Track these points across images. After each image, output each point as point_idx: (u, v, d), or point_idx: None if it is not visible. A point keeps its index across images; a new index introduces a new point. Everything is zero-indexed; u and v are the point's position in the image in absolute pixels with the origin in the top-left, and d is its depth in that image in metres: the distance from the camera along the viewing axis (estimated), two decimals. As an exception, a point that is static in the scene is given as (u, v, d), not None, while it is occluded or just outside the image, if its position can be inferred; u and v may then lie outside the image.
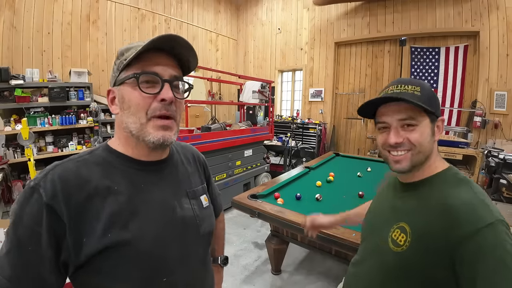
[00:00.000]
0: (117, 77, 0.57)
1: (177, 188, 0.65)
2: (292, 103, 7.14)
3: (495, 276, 0.48)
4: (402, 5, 5.18)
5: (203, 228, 0.66)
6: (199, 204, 0.68)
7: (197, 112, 5.16)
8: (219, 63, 7.19)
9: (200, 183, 0.74)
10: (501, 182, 2.86)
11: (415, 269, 0.60)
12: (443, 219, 0.57)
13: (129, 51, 0.56)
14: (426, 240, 0.59)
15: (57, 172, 0.51)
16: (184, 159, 0.73)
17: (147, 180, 0.59)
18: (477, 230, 0.52)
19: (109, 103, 0.60)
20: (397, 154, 0.66)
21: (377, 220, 0.76)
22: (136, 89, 0.54)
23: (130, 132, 0.56)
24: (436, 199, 0.62)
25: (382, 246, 0.69)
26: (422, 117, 0.64)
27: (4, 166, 3.05)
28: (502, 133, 4.46)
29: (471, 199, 0.58)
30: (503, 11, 4.30)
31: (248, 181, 3.80)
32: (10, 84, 3.28)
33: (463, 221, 0.55)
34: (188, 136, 2.87)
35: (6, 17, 3.55)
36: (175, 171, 0.67)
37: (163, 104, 0.55)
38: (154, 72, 0.55)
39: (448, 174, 0.67)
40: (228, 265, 0.92)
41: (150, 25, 5.40)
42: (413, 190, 0.69)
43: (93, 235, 0.49)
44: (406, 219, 0.65)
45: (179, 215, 0.62)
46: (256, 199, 1.99)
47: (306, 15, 6.41)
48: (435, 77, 5.15)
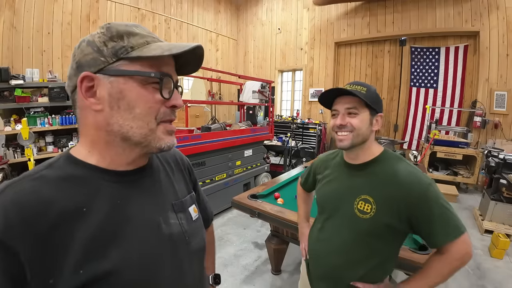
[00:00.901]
0: (109, 63, 0.44)
1: (161, 200, 0.55)
2: (292, 103, 7.14)
3: (442, 211, 0.77)
4: (402, 5, 5.18)
5: (193, 244, 0.58)
6: (188, 218, 0.59)
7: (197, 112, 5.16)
8: (219, 63, 7.20)
9: (187, 192, 0.64)
10: (501, 182, 2.86)
11: (382, 227, 0.81)
12: (397, 186, 0.80)
13: (135, 39, 0.46)
14: (388, 204, 0.80)
15: (9, 196, 0.39)
16: (166, 164, 0.62)
17: (124, 195, 0.48)
18: (424, 189, 0.78)
19: (83, 93, 0.45)
20: (341, 134, 0.86)
21: (339, 199, 0.92)
22: (150, 90, 0.46)
23: (122, 137, 0.46)
24: (387, 173, 0.84)
25: (350, 217, 0.86)
26: (363, 109, 0.85)
27: (4, 166, 3.05)
28: (502, 133, 4.46)
29: (412, 169, 0.83)
30: (503, 11, 4.30)
31: (248, 181, 3.80)
32: (10, 84, 3.28)
33: (413, 184, 0.79)
34: (188, 136, 2.87)
35: (6, 17, 3.56)
36: (157, 180, 0.56)
37: (173, 110, 0.50)
38: (170, 75, 0.48)
39: (387, 154, 0.90)
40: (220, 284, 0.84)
41: (150, 25, 5.40)
42: (364, 170, 0.89)
43: (63, 274, 0.39)
44: (367, 192, 0.85)
45: (165, 232, 0.52)
46: (256, 199, 1.99)
47: (306, 15, 6.41)
48: (435, 77, 5.15)
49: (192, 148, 2.84)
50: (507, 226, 2.84)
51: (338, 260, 0.90)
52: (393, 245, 0.87)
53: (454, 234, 0.75)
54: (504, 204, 2.87)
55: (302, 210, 1.26)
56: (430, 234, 0.78)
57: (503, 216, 2.88)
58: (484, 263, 2.37)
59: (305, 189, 1.23)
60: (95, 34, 0.46)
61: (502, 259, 2.43)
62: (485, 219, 3.00)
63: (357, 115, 0.84)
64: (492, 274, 2.23)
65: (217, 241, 2.73)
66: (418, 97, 5.36)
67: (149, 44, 0.47)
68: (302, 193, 1.26)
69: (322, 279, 0.97)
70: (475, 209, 3.36)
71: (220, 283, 0.83)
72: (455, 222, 0.77)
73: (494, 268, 2.31)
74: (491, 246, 2.55)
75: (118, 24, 0.46)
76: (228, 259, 2.42)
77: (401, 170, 0.83)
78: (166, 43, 0.48)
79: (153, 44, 0.47)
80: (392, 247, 0.87)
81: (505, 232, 2.65)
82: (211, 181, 3.15)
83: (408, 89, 5.43)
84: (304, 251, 1.13)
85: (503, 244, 2.40)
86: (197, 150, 2.89)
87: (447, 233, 0.75)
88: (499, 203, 2.90)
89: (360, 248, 0.86)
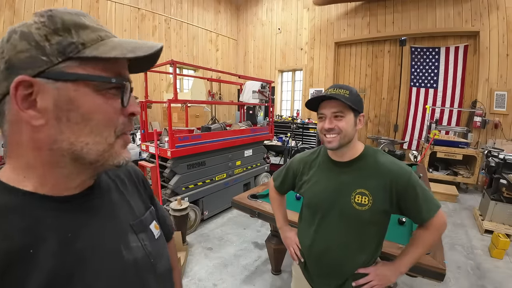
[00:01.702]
0: (54, 64, 0.35)
1: (117, 223, 0.47)
2: (292, 103, 7.14)
3: (423, 191, 0.89)
4: (402, 5, 5.18)
5: (160, 266, 0.52)
6: (150, 237, 0.52)
7: (197, 112, 5.16)
8: (219, 63, 7.20)
9: (145, 208, 0.56)
10: (501, 182, 2.86)
11: (380, 214, 0.91)
12: (386, 175, 0.90)
13: (86, 33, 0.37)
14: (381, 193, 0.90)
15: None
16: (117, 179, 0.53)
17: (74, 225, 0.40)
18: (408, 176, 0.89)
19: (18, 103, 0.34)
20: (330, 137, 0.92)
21: (333, 196, 0.96)
22: (107, 97, 0.39)
23: (75, 156, 0.38)
24: (374, 166, 0.93)
25: (349, 211, 0.92)
26: (348, 111, 0.90)
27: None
28: (502, 133, 4.46)
29: (393, 160, 0.94)
30: (503, 11, 4.30)
31: (248, 181, 3.80)
32: (10, 84, 3.28)
33: (398, 172, 0.90)
34: (188, 136, 2.87)
35: (6, 17, 3.56)
36: (109, 200, 0.48)
37: (130, 119, 0.42)
38: (129, 79, 0.41)
39: (369, 150, 0.98)
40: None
41: (150, 25, 5.41)
42: (352, 166, 0.96)
43: None
44: (361, 185, 0.92)
45: (129, 259, 0.45)
46: (256, 199, 1.99)
47: (306, 15, 6.41)
48: (435, 77, 5.15)
49: (192, 148, 2.84)
50: (507, 226, 2.84)
51: (341, 254, 0.95)
52: (385, 227, 0.98)
53: (435, 209, 0.88)
54: (504, 204, 2.87)
55: (280, 214, 1.26)
56: (417, 212, 0.89)
57: (503, 216, 2.88)
58: (484, 263, 2.37)
59: (281, 192, 1.23)
60: (31, 23, 0.35)
61: (502, 259, 2.43)
62: (485, 219, 3.00)
63: (343, 118, 0.90)
64: (492, 274, 2.23)
65: (217, 241, 2.73)
66: (418, 97, 5.36)
67: (103, 41, 0.38)
68: (277, 197, 1.25)
69: (325, 276, 1.00)
70: (475, 209, 3.36)
71: None
72: (433, 199, 0.90)
73: (494, 268, 2.31)
74: (491, 246, 2.55)
75: (62, 12, 0.36)
76: (228, 259, 2.42)
77: (385, 162, 0.93)
78: (125, 41, 0.39)
79: (108, 41, 0.38)
80: (385, 228, 0.98)
81: (505, 232, 2.65)
82: (211, 181, 3.15)
83: (408, 89, 5.43)
84: (295, 255, 1.11)
85: (503, 244, 2.40)
86: (197, 150, 2.89)
87: (430, 209, 0.88)
88: (499, 203, 2.90)
89: (361, 238, 0.94)
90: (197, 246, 2.62)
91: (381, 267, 0.96)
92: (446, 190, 3.89)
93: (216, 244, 2.68)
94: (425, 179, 2.50)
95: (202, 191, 3.01)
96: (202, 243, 2.68)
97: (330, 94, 0.89)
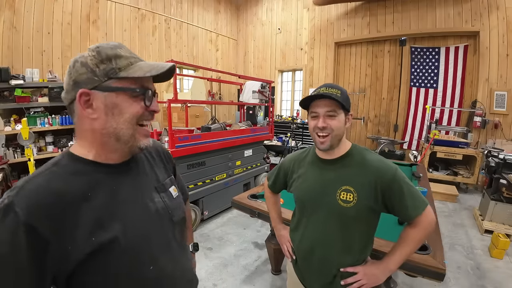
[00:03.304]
0: (102, 82, 0.56)
1: (146, 184, 0.69)
2: (292, 103, 7.14)
3: (409, 189, 0.89)
4: (402, 5, 5.18)
5: (176, 216, 0.72)
6: (169, 196, 0.74)
7: (197, 112, 5.15)
8: (219, 63, 7.20)
9: (167, 176, 0.78)
10: (501, 182, 2.86)
11: (365, 211, 0.91)
12: (371, 173, 0.91)
13: (121, 61, 0.57)
14: (366, 190, 0.90)
15: (29, 188, 0.51)
16: (148, 155, 0.76)
17: (117, 182, 0.62)
18: (393, 173, 0.90)
19: (81, 106, 0.57)
20: (321, 135, 0.92)
21: (319, 194, 0.97)
22: (137, 101, 0.59)
23: (116, 136, 0.59)
24: (360, 163, 0.94)
25: (334, 208, 0.93)
26: (340, 110, 0.92)
27: (4, 166, 3.05)
28: (502, 133, 4.46)
29: (379, 158, 0.95)
30: (503, 11, 4.30)
31: (248, 181, 3.80)
32: (10, 84, 3.28)
33: (384, 169, 0.90)
34: (188, 136, 2.87)
35: (6, 17, 3.56)
36: (142, 168, 0.70)
37: (151, 113, 0.63)
38: (150, 88, 0.62)
39: (356, 148, 0.99)
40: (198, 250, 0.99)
41: (150, 25, 5.40)
42: (339, 163, 0.97)
43: (77, 242, 0.52)
44: (346, 182, 0.93)
45: (152, 208, 0.66)
46: (256, 199, 1.99)
47: (306, 15, 6.41)
48: (435, 77, 5.15)
49: (192, 148, 2.84)
50: (507, 226, 2.84)
51: (327, 252, 0.96)
52: (373, 225, 0.98)
53: (422, 207, 0.88)
54: (504, 204, 2.87)
55: (274, 212, 1.28)
56: (404, 209, 0.89)
57: (503, 216, 2.88)
58: (484, 263, 2.37)
59: (274, 191, 1.26)
60: (87, 56, 0.57)
61: (502, 259, 2.43)
62: (485, 219, 3.00)
63: (336, 117, 0.91)
64: (492, 274, 2.23)
65: (217, 241, 2.73)
66: (418, 97, 5.36)
67: (132, 65, 0.58)
68: (271, 196, 1.28)
69: (314, 274, 1.01)
70: (475, 209, 3.36)
71: (198, 250, 0.99)
72: (420, 197, 0.90)
73: (494, 268, 2.31)
74: (491, 246, 2.55)
75: (105, 47, 0.57)
76: (228, 259, 2.42)
77: (372, 159, 0.94)
78: (146, 64, 0.59)
79: (136, 65, 0.59)
80: (373, 228, 0.98)
81: (505, 232, 2.65)
82: (211, 181, 3.15)
83: (408, 89, 5.43)
84: (288, 253, 1.13)
85: (503, 244, 2.40)
86: (197, 150, 2.89)
87: (417, 206, 0.88)
88: (499, 203, 2.90)
89: (348, 235, 0.94)
90: (197, 246, 2.61)
91: (370, 266, 0.96)
92: (446, 190, 3.89)
93: (216, 244, 2.68)
94: (425, 179, 2.50)
95: (202, 191, 3.01)
96: (202, 243, 2.68)
97: (324, 93, 0.91)
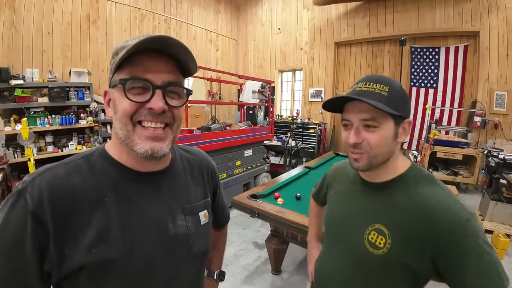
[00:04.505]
0: (111, 78, 0.52)
1: (173, 202, 0.59)
2: (292, 103, 7.14)
3: (480, 256, 0.55)
4: (402, 5, 5.18)
5: (196, 247, 0.60)
6: (196, 221, 0.62)
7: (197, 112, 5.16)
8: (219, 63, 7.19)
9: (203, 197, 0.67)
10: (501, 182, 2.86)
11: (397, 267, 0.63)
12: (423, 220, 0.59)
13: (123, 51, 0.47)
14: (407, 240, 0.61)
15: (46, 178, 0.48)
16: (188, 167, 0.66)
17: (139, 193, 0.54)
18: (460, 226, 0.56)
19: (106, 105, 0.55)
20: (355, 152, 0.65)
21: (347, 224, 0.73)
22: (133, 96, 0.49)
23: (120, 138, 0.52)
24: (412, 199, 0.63)
25: (358, 249, 0.68)
26: (385, 119, 0.61)
27: (4, 166, 3.05)
28: (502, 133, 4.46)
29: (445, 198, 0.61)
30: (503, 11, 4.30)
31: (248, 181, 3.80)
32: (10, 84, 3.28)
33: (443, 220, 0.57)
34: (188, 136, 2.87)
35: (6, 17, 3.56)
36: (174, 182, 0.61)
37: (153, 112, 0.50)
38: (144, 78, 0.49)
39: (415, 173, 0.67)
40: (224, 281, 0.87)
41: (150, 25, 5.40)
42: (384, 191, 0.68)
43: (77, 249, 0.47)
44: (382, 220, 0.65)
45: (171, 232, 0.56)
46: (256, 199, 1.99)
47: (306, 15, 6.41)
48: (435, 77, 5.15)
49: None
50: (507, 226, 2.84)
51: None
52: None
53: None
54: (504, 204, 2.87)
55: (313, 226, 1.10)
56: (461, 286, 0.57)
57: (503, 216, 2.88)
58: (484, 263, 2.37)
59: (317, 202, 1.06)
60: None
61: (502, 259, 2.43)
62: (485, 219, 3.00)
63: (377, 129, 0.62)
64: (492, 274, 2.23)
65: (217, 241, 2.73)
66: (418, 97, 5.36)
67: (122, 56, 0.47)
68: (314, 207, 1.09)
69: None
70: (475, 209, 3.36)
71: (224, 279, 0.86)
72: (497, 273, 0.54)
73: (494, 268, 2.31)
74: (491, 246, 2.55)
75: (121, 43, 0.51)
76: (228, 259, 2.42)
77: (431, 197, 0.61)
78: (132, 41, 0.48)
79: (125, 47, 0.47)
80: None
81: (505, 232, 2.66)
82: (211, 181, 3.15)
83: (408, 89, 5.43)
84: (310, 276, 0.99)
85: (503, 244, 2.40)
86: (197, 150, 2.89)
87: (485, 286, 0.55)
88: (499, 203, 2.90)
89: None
90: (197, 246, 2.61)
91: None
92: (446, 190, 3.89)
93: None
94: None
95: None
96: (202, 243, 2.68)
97: (360, 91, 0.63)
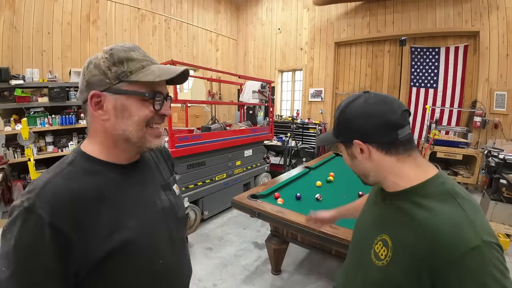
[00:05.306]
0: (113, 84, 0.56)
1: (153, 183, 0.72)
2: (292, 103, 7.14)
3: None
4: (402, 5, 5.18)
5: (179, 213, 0.76)
6: (173, 194, 0.76)
7: (197, 112, 5.16)
8: (219, 63, 7.19)
9: (170, 175, 0.81)
10: (501, 182, 2.86)
11: (394, 284, 0.58)
12: (427, 240, 0.53)
13: (133, 64, 0.57)
14: (407, 258, 0.56)
15: (50, 190, 0.52)
16: (153, 154, 0.79)
17: (129, 182, 0.64)
18: (462, 254, 0.49)
19: (92, 107, 0.58)
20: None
21: (363, 232, 0.73)
22: (146, 105, 0.59)
23: (125, 138, 0.59)
24: (420, 215, 0.56)
25: (365, 258, 0.66)
26: (340, 145, 0.70)
27: (4, 166, 3.05)
28: (502, 133, 4.46)
29: (458, 219, 0.53)
30: (503, 11, 4.30)
31: (248, 181, 3.81)
32: (10, 84, 3.28)
33: (448, 244, 0.51)
34: (188, 136, 2.87)
35: (6, 17, 3.56)
36: (149, 168, 0.73)
37: (162, 116, 0.63)
38: (162, 92, 0.60)
39: (433, 185, 0.60)
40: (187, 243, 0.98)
41: (150, 25, 5.40)
42: (395, 201, 0.64)
43: (97, 241, 0.54)
44: (389, 231, 0.62)
45: (160, 206, 0.69)
46: (256, 199, 1.99)
47: (306, 15, 6.41)
48: (435, 77, 5.15)
49: (192, 148, 2.84)
50: (507, 226, 2.84)
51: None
52: None
53: None
54: (504, 204, 2.87)
55: (348, 205, 1.12)
56: None
57: (503, 216, 2.88)
58: (484, 263, 2.37)
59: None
60: (100, 58, 0.57)
61: (502, 259, 2.43)
62: (485, 219, 3.00)
63: (344, 155, 0.71)
64: (492, 274, 2.22)
65: (217, 241, 2.73)
66: (418, 97, 5.36)
67: (144, 68, 0.58)
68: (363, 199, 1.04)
69: None
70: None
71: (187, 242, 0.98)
72: None
73: (494, 268, 2.31)
74: (491, 246, 2.55)
75: (119, 50, 0.57)
76: (228, 259, 2.42)
77: (440, 216, 0.54)
78: (158, 68, 0.59)
79: (147, 69, 0.58)
80: None
81: (505, 232, 2.66)
82: (211, 181, 3.15)
83: (408, 89, 5.43)
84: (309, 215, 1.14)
85: (503, 244, 2.40)
86: (197, 150, 2.89)
87: None
88: (499, 203, 2.90)
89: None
90: (197, 246, 2.62)
91: None
92: (446, 190, 3.89)
93: (216, 244, 2.68)
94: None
95: (202, 191, 3.01)
96: (202, 243, 2.68)
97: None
